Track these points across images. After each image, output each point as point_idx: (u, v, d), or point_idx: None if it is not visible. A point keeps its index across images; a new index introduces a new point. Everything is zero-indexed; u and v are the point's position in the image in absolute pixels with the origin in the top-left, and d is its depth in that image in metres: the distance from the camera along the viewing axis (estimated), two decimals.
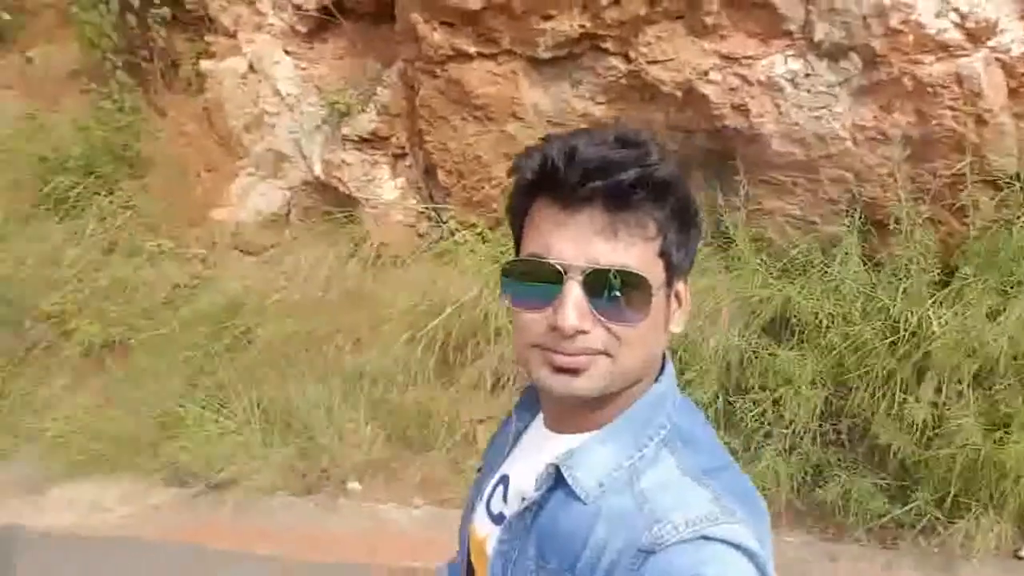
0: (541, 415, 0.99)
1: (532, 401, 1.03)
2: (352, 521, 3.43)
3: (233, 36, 4.67)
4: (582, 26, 3.46)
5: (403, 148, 4.30)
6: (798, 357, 3.17)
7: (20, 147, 4.75)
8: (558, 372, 0.84)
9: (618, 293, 0.82)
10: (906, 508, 3.00)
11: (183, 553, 3.22)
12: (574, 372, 0.84)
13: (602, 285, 0.82)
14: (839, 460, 3.16)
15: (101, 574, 3.13)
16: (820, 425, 3.19)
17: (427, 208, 4.32)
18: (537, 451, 0.95)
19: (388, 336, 3.93)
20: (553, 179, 0.83)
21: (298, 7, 4.45)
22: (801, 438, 3.17)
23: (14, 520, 3.52)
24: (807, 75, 3.18)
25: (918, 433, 2.91)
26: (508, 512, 0.95)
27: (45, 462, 3.82)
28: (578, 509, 0.86)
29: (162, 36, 4.83)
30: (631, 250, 0.83)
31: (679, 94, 3.44)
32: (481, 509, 1.01)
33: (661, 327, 0.89)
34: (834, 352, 3.10)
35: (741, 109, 3.35)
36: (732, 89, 3.33)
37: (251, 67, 4.59)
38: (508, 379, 3.83)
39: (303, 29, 4.54)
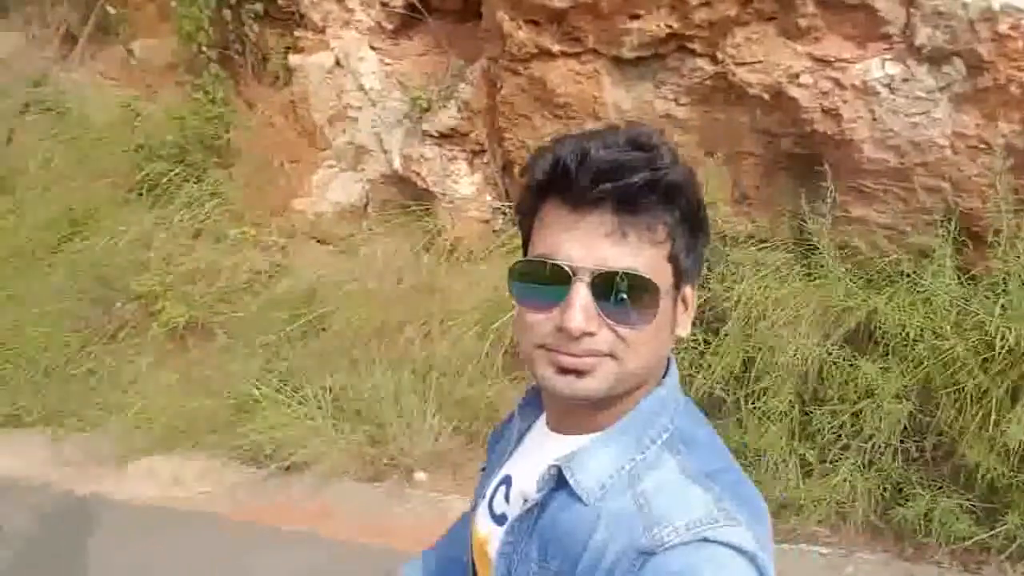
0: (544, 416, 0.99)
1: (536, 401, 1.03)
2: (417, 510, 3.46)
3: (321, 32, 4.79)
4: (669, 26, 3.43)
5: (482, 145, 4.33)
6: (882, 370, 3.06)
7: (119, 135, 4.98)
8: (563, 373, 0.85)
9: (625, 296, 0.82)
10: (994, 532, 2.86)
11: (254, 531, 3.31)
12: (579, 373, 0.84)
13: (610, 288, 0.82)
14: (921, 478, 3.03)
15: (176, 547, 3.23)
16: (902, 441, 3.07)
17: (502, 205, 4.34)
18: (540, 452, 0.95)
19: (459, 329, 3.96)
20: (564, 181, 0.83)
21: (385, 4, 4.54)
22: (881, 453, 3.06)
23: (99, 489, 3.69)
24: (905, 80, 3.07)
25: (1011, 455, 2.77)
26: (510, 513, 0.95)
27: (129, 436, 3.98)
28: (579, 510, 0.86)
29: (254, 31, 5.00)
30: (640, 253, 0.83)
31: (767, 97, 3.37)
32: (483, 509, 1.01)
33: (667, 331, 0.89)
34: (922, 366, 2.97)
35: (832, 113, 3.25)
36: (823, 93, 3.24)
37: (337, 62, 4.70)
38: None
39: (389, 26, 4.63)
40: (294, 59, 4.90)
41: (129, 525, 3.42)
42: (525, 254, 0.90)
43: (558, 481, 0.88)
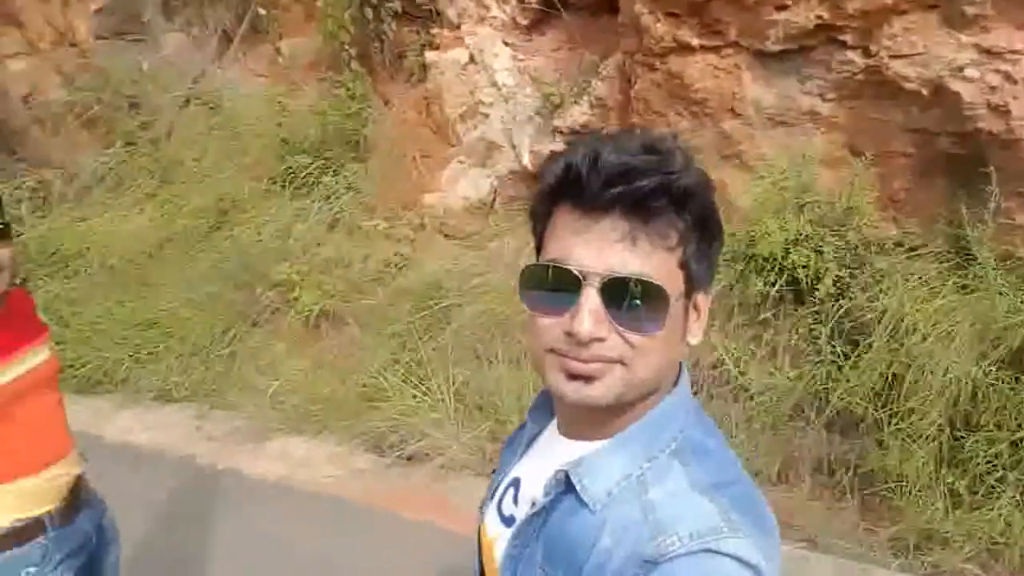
0: (555, 420, 0.99)
1: (547, 405, 1.02)
2: None
3: (457, 28, 4.86)
4: (819, 17, 3.24)
5: None
6: None
7: (266, 129, 5.25)
8: (572, 379, 0.84)
9: (636, 302, 0.81)
10: None
11: (374, 517, 3.40)
12: (588, 379, 0.83)
13: (620, 293, 0.81)
14: None
15: (301, 526, 3.37)
16: None
17: None
18: (549, 456, 0.95)
19: None
20: (576, 185, 0.83)
21: (521, 0, 4.54)
22: None
23: (236, 465, 3.91)
24: None
25: None
26: (518, 515, 0.95)
27: (265, 416, 4.19)
28: (585, 517, 0.86)
29: (392, 29, 5.13)
30: (651, 259, 0.82)
31: (925, 92, 3.11)
32: (492, 510, 1.01)
33: (678, 338, 0.88)
34: None
35: (1000, 110, 2.97)
36: (991, 87, 2.96)
37: (471, 58, 4.75)
38: (700, 386, 3.68)
39: (524, 22, 4.63)
40: (429, 56, 5.00)
41: (260, 501, 3.60)
42: (537, 258, 0.89)
43: (566, 486, 0.88)
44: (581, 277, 0.81)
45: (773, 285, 3.39)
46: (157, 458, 3.98)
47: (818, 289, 3.27)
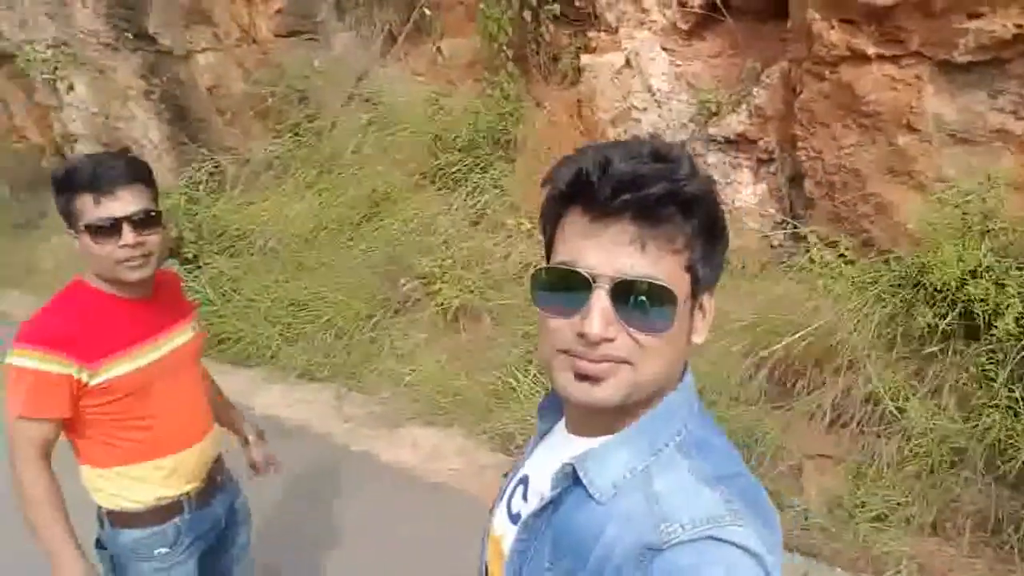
0: (564, 420, 1.01)
1: (556, 404, 1.04)
2: None
3: (614, 32, 4.79)
4: (1018, 26, 2.92)
5: (770, 153, 4.05)
6: None
7: (421, 126, 5.41)
8: (580, 379, 0.86)
9: (645, 303, 0.84)
10: None
11: None
12: (595, 381, 0.86)
13: (629, 295, 0.84)
14: None
15: (425, 514, 3.42)
16: None
17: (786, 219, 4.03)
18: (557, 453, 0.97)
19: (720, 346, 3.75)
20: (586, 190, 0.84)
21: (684, 3, 4.41)
22: None
23: (369, 449, 4.04)
24: None
25: None
26: (525, 512, 0.97)
27: (400, 403, 4.31)
28: (592, 508, 0.88)
29: (549, 31, 5.14)
30: (659, 262, 0.84)
31: None
32: (501, 509, 1.04)
33: (684, 338, 0.90)
34: None
35: None
36: None
37: (627, 62, 4.67)
38: (851, 417, 3.43)
39: (684, 26, 4.49)
40: (584, 59, 4.96)
41: (386, 486, 3.69)
42: (547, 261, 0.91)
43: (573, 480, 0.91)
44: (592, 279, 0.84)
45: (943, 318, 3.10)
46: (297, 433, 4.19)
47: (996, 326, 2.95)
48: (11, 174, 8.39)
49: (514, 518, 1.00)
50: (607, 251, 0.84)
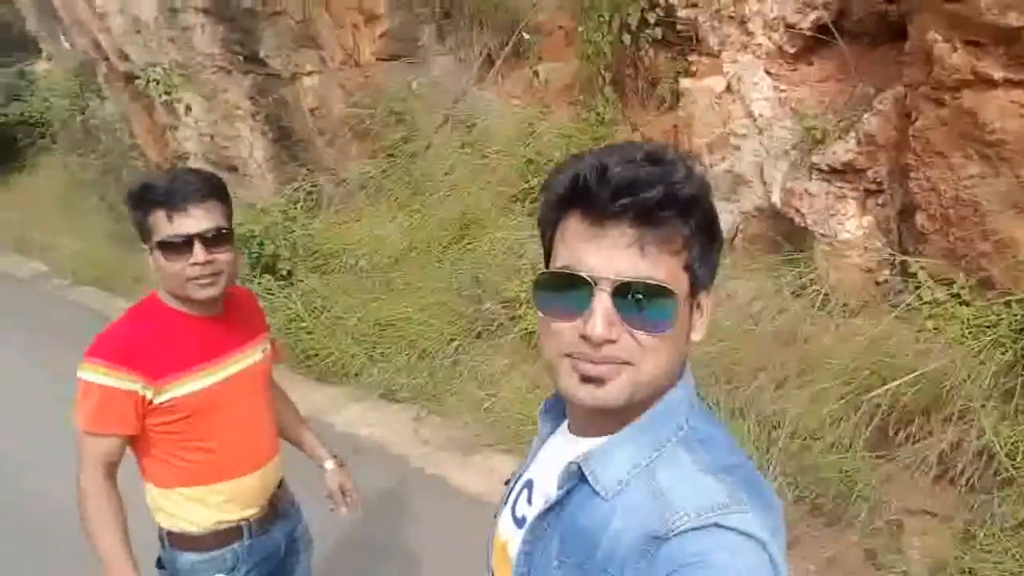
0: (567, 422, 1.03)
1: (559, 407, 1.06)
2: None
3: (716, 56, 4.64)
4: None
5: (879, 184, 3.78)
6: None
7: (514, 149, 5.38)
8: (585, 382, 0.88)
9: (645, 304, 0.85)
10: None
11: None
12: (600, 382, 0.87)
13: (630, 297, 0.85)
14: None
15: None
16: None
17: (894, 254, 3.75)
18: (561, 455, 0.97)
19: (818, 387, 3.51)
20: (584, 195, 0.86)
21: (791, 26, 4.22)
22: None
23: (442, 473, 3.98)
24: None
25: None
26: (530, 515, 0.98)
27: (478, 430, 4.24)
28: (598, 505, 0.89)
29: (649, 55, 5.03)
30: (658, 264, 0.86)
31: None
32: (505, 514, 1.05)
33: (684, 336, 0.92)
34: None
35: None
36: None
37: (728, 87, 4.51)
38: (960, 473, 3.13)
39: (790, 50, 4.30)
40: (684, 83, 4.82)
41: (460, 512, 3.61)
42: (547, 266, 0.93)
43: (579, 478, 0.92)
44: (593, 282, 0.86)
45: None
46: (373, 453, 4.18)
47: None
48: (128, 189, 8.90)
49: (519, 522, 1.01)
50: (607, 254, 0.86)
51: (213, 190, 1.81)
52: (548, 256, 0.95)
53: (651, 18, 4.87)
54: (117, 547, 1.75)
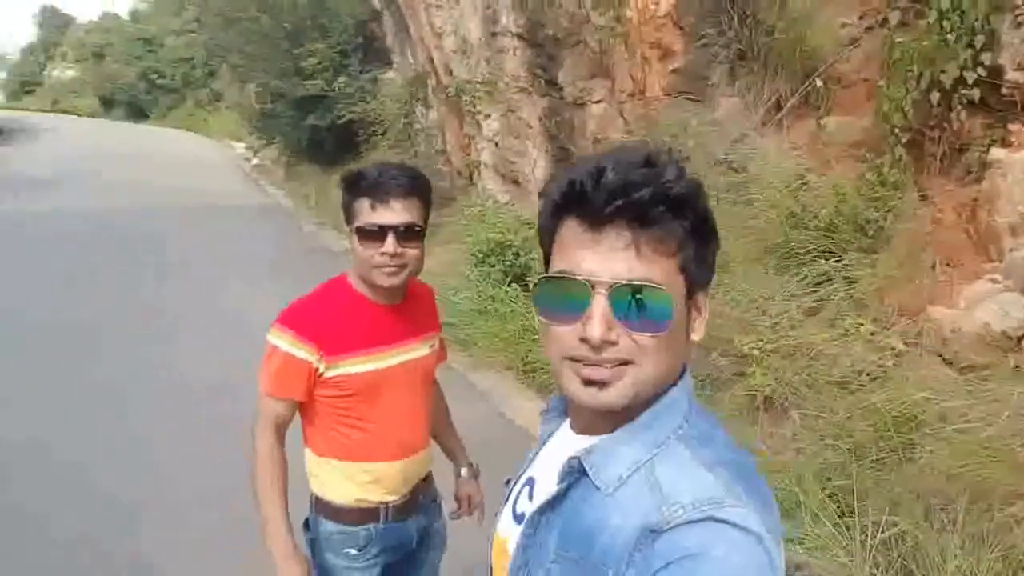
0: (568, 421, 1.03)
1: (561, 407, 1.08)
2: None
3: None
4: None
5: None
6: None
7: (781, 200, 5.05)
8: (588, 385, 0.90)
9: (643, 306, 0.87)
10: None
11: None
12: (603, 385, 0.89)
13: (628, 299, 0.87)
14: None
15: None
16: None
17: None
18: (562, 452, 0.98)
19: None
20: (580, 200, 0.89)
21: None
22: None
23: None
24: None
25: None
26: (531, 510, 0.98)
27: None
28: (598, 499, 0.90)
29: (960, 118, 4.44)
30: (654, 265, 0.88)
31: None
32: (506, 512, 1.06)
33: (682, 336, 0.94)
34: None
35: None
36: None
37: None
38: None
39: None
40: (995, 152, 4.19)
41: None
42: (546, 271, 0.95)
43: (579, 473, 0.93)
44: (591, 286, 0.88)
45: None
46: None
47: None
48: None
49: (519, 518, 1.02)
50: (604, 257, 0.88)
51: (416, 187, 1.91)
52: (547, 262, 0.97)
53: (969, 77, 4.30)
54: (276, 505, 1.91)
